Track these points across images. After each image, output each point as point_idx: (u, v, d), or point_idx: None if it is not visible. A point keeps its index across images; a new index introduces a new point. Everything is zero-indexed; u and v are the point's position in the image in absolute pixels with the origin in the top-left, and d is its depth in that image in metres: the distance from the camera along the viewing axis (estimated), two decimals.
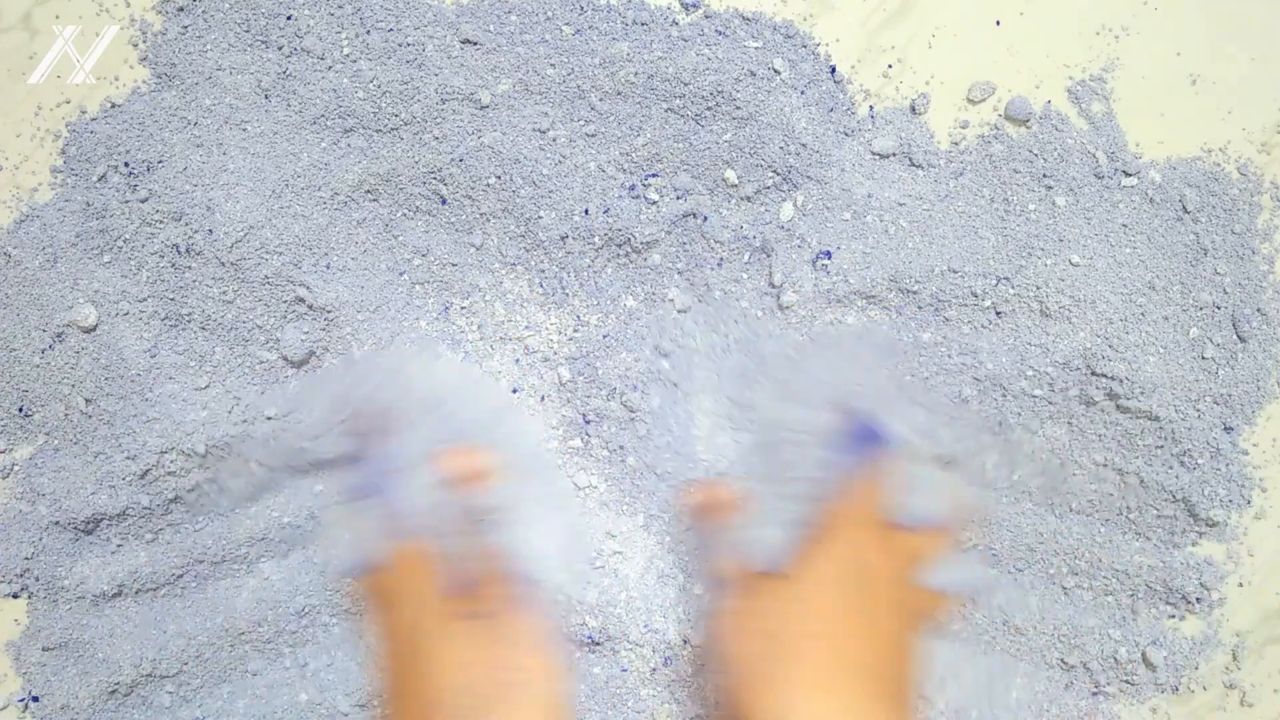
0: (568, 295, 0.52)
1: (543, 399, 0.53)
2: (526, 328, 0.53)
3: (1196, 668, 0.53)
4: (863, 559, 0.41)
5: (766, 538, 0.42)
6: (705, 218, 0.51)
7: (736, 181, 0.51)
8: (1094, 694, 0.54)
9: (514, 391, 0.53)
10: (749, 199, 0.51)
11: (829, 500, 0.42)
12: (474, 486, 0.44)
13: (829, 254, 0.50)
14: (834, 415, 0.44)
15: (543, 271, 0.52)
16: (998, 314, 0.51)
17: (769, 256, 0.51)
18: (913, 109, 0.52)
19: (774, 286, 0.51)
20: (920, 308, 0.51)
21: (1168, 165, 0.52)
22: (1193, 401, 0.51)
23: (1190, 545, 0.53)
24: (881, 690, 0.39)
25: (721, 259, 0.52)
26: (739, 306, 0.52)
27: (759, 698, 0.38)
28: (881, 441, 0.43)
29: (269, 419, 0.51)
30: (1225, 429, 0.52)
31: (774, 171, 0.50)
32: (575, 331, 0.52)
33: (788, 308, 0.51)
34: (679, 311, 0.52)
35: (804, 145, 0.50)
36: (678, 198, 0.51)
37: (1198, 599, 0.52)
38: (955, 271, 0.50)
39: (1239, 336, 0.51)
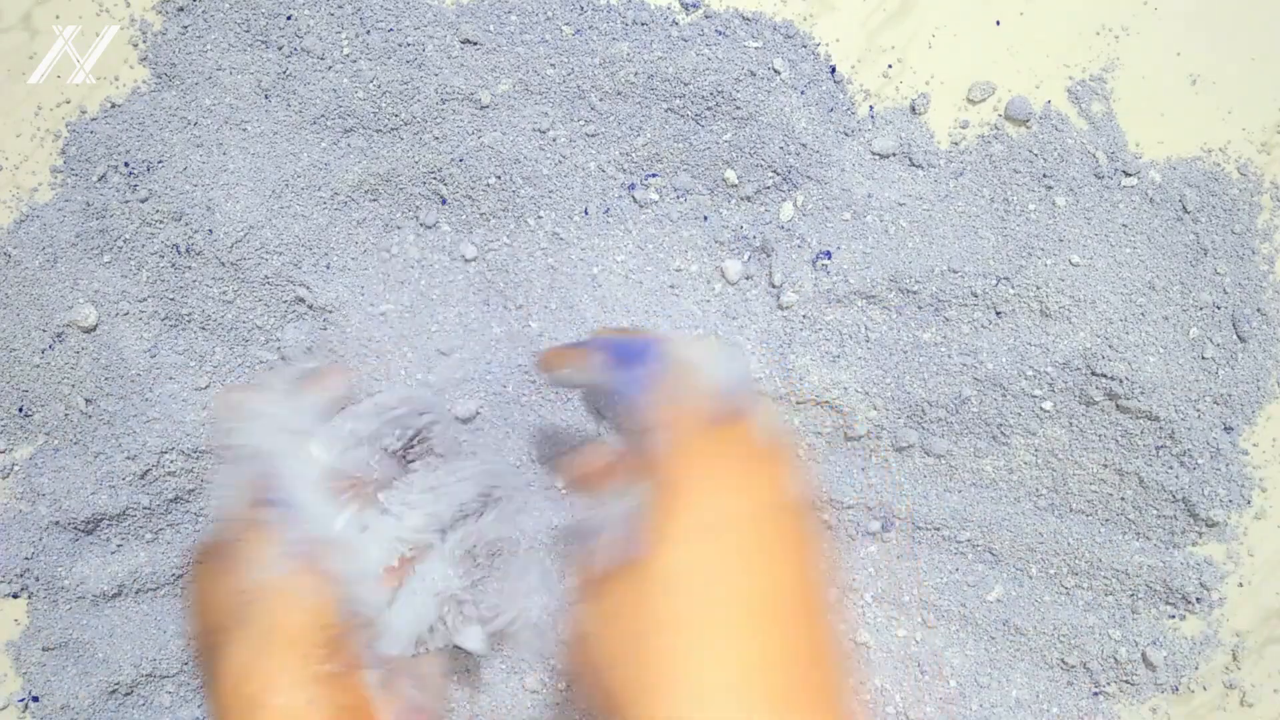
0: None
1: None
2: None
3: (1196, 668, 0.53)
4: (716, 484, 0.35)
5: (613, 523, 0.36)
6: (705, 217, 0.51)
7: (736, 181, 0.51)
8: (1094, 694, 0.54)
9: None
10: (749, 199, 0.51)
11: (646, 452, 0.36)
12: None
13: (829, 254, 0.50)
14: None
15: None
16: (998, 314, 0.51)
17: (769, 256, 0.51)
18: (913, 109, 0.52)
19: (774, 286, 0.51)
20: (920, 308, 0.51)
21: (1168, 165, 0.52)
22: (1193, 401, 0.51)
23: (1190, 545, 0.53)
24: (787, 670, 0.33)
25: (721, 259, 0.52)
26: None
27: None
28: (648, 351, 0.37)
29: None
30: (1225, 429, 0.52)
31: (774, 171, 0.50)
32: None
33: (787, 308, 0.51)
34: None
35: (804, 145, 0.50)
36: (678, 198, 0.51)
37: (1198, 599, 0.52)
38: (955, 271, 0.50)
39: (1239, 336, 0.51)
